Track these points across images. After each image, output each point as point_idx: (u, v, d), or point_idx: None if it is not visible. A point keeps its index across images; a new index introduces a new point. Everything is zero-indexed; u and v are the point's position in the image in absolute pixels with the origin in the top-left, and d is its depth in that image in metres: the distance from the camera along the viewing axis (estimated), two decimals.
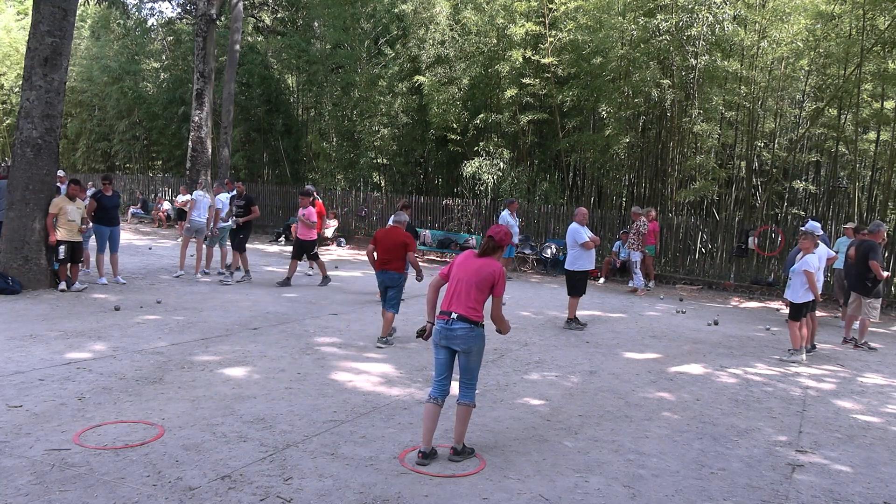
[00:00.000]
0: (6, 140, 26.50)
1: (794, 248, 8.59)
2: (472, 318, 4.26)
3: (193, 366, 6.14)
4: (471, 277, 4.31)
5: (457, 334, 4.25)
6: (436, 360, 4.42)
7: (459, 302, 4.28)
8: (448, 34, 17.20)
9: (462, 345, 4.27)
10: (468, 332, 4.25)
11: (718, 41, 14.70)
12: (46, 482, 3.68)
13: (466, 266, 4.37)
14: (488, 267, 4.31)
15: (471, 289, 4.29)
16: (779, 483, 4.30)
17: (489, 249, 4.42)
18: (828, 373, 7.43)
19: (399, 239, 7.38)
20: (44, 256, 9.37)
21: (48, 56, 9.22)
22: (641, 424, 5.27)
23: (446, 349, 4.35)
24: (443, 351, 4.36)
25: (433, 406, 4.32)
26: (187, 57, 24.09)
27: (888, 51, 13.32)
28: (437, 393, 4.36)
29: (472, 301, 4.28)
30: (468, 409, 4.35)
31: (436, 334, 4.37)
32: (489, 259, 4.37)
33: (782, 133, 16.42)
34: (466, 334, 4.25)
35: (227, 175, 18.50)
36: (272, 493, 3.73)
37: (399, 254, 7.35)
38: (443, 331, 4.30)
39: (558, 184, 17.36)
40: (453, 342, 4.29)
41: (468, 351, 4.30)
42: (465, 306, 4.26)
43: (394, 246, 7.35)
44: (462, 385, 4.39)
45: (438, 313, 4.39)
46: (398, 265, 7.36)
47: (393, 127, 18.60)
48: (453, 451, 4.34)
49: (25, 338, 6.74)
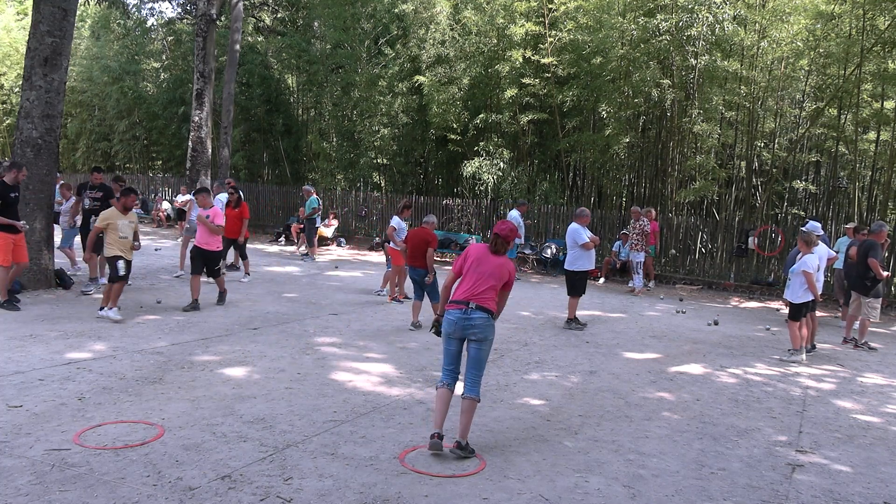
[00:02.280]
0: (6, 140, 26.50)
1: (794, 249, 8.59)
2: (489, 308, 4.50)
3: (193, 366, 6.14)
4: (487, 273, 4.54)
5: (475, 323, 4.44)
6: (446, 351, 4.57)
7: (477, 294, 4.49)
8: (448, 34, 17.20)
9: (479, 333, 4.45)
10: (486, 321, 4.46)
11: (718, 41, 14.70)
12: (46, 482, 3.68)
13: (482, 262, 4.60)
14: (504, 265, 4.60)
15: (487, 283, 4.52)
16: (779, 483, 4.30)
17: (500, 246, 4.65)
18: (828, 373, 7.43)
19: (424, 237, 8.27)
20: (44, 256, 9.36)
21: (48, 56, 9.22)
22: (641, 424, 5.27)
23: (458, 340, 4.52)
24: (454, 342, 4.53)
25: (445, 390, 4.50)
26: (187, 57, 24.08)
27: (888, 51, 13.32)
28: (448, 379, 4.54)
29: (489, 294, 4.52)
30: (473, 403, 4.45)
31: (449, 325, 4.50)
32: (503, 257, 4.65)
33: (782, 133, 16.41)
34: (484, 323, 4.45)
35: (227, 175, 18.48)
36: (272, 493, 3.72)
37: (424, 250, 8.22)
38: (459, 321, 4.45)
39: (558, 184, 17.37)
40: (470, 331, 4.45)
41: (483, 339, 4.48)
42: (482, 298, 4.48)
43: (419, 244, 8.25)
44: (468, 379, 4.50)
45: (452, 303, 4.55)
46: (423, 262, 8.22)
47: (393, 127, 18.60)
48: (457, 445, 4.38)
49: (25, 338, 6.73)
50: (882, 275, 8.71)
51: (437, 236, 8.50)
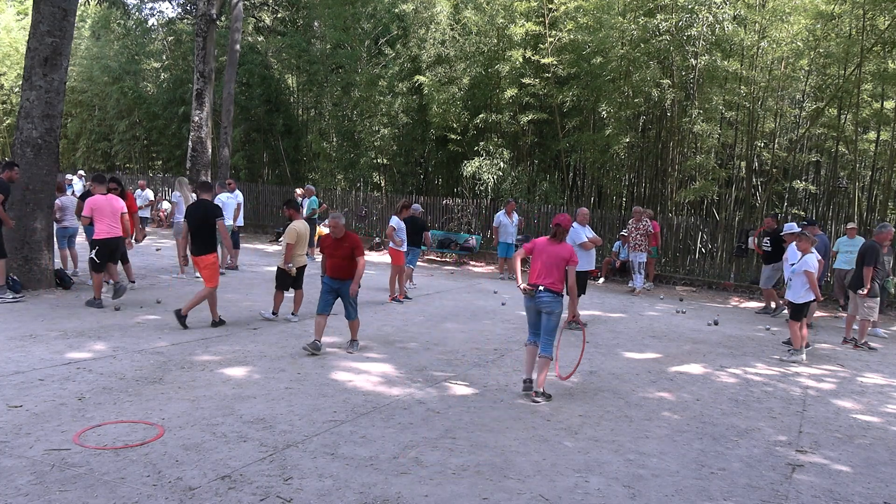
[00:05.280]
0: (6, 140, 26.50)
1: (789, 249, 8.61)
2: (554, 289, 5.74)
3: (193, 366, 6.14)
4: (550, 259, 5.78)
5: (543, 300, 5.74)
6: (528, 318, 5.95)
7: (543, 277, 5.76)
8: (448, 34, 17.20)
9: (547, 307, 5.74)
10: (552, 299, 5.75)
11: (718, 41, 14.70)
12: (46, 482, 3.68)
13: (546, 251, 5.84)
14: (560, 251, 5.80)
15: (552, 268, 5.76)
16: (779, 483, 4.30)
17: (559, 234, 5.89)
18: (828, 373, 7.43)
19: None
20: (44, 256, 9.36)
21: (48, 56, 9.22)
22: (641, 424, 5.27)
23: (535, 312, 5.85)
24: (532, 312, 5.88)
25: (532, 347, 5.90)
26: (187, 57, 24.08)
27: (888, 51, 13.31)
28: (533, 338, 5.92)
29: (553, 277, 5.75)
30: (547, 361, 5.77)
31: (527, 300, 5.86)
32: (561, 244, 5.86)
33: (782, 133, 16.41)
34: (550, 300, 5.74)
35: (227, 175, 18.49)
36: (272, 493, 3.73)
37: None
38: (532, 299, 5.78)
39: (558, 184, 17.37)
40: (541, 305, 5.76)
41: (551, 312, 5.75)
42: (548, 281, 5.75)
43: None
44: (542, 342, 5.78)
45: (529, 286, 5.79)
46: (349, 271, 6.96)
47: (393, 127, 18.60)
48: (535, 394, 5.69)
49: (25, 338, 6.74)
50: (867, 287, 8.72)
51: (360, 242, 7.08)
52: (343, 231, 6.94)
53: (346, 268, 6.94)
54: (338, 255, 6.92)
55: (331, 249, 6.99)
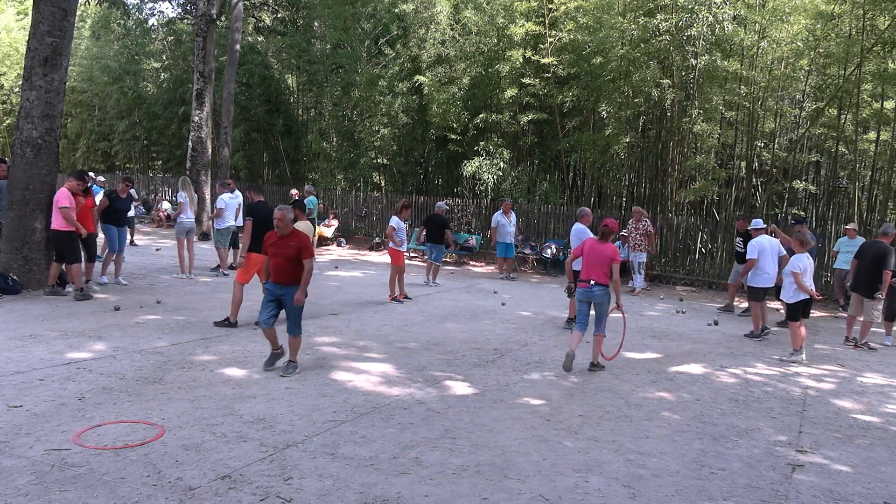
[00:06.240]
0: (6, 140, 26.49)
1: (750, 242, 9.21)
2: (603, 283, 6.71)
3: (193, 366, 6.14)
4: (599, 257, 6.73)
5: (595, 293, 6.75)
6: (578, 310, 6.93)
7: (594, 273, 6.72)
8: (448, 34, 17.20)
9: (598, 299, 6.77)
10: (603, 291, 6.74)
11: (718, 41, 14.69)
12: (46, 482, 3.68)
13: (596, 249, 6.78)
14: (605, 250, 6.74)
15: (601, 264, 6.71)
16: (779, 483, 4.30)
17: (607, 235, 6.83)
18: (828, 373, 7.43)
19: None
20: (44, 256, 9.36)
21: (48, 56, 9.22)
22: (641, 424, 5.27)
23: (587, 303, 6.86)
24: (584, 305, 6.89)
25: (578, 332, 6.81)
26: (187, 57, 24.09)
27: (888, 51, 13.31)
28: (581, 326, 6.87)
29: (602, 272, 6.71)
30: (601, 338, 6.88)
31: (580, 294, 6.86)
32: (607, 244, 6.80)
33: (782, 133, 16.40)
34: (601, 293, 6.75)
35: (227, 175, 18.50)
36: (272, 493, 3.73)
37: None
38: (585, 292, 6.81)
39: (558, 184, 17.36)
40: (593, 298, 6.78)
41: (601, 303, 6.77)
42: (598, 276, 6.71)
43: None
44: (596, 322, 6.85)
45: (580, 281, 6.81)
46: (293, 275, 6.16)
47: (393, 127, 18.60)
48: (591, 366, 6.88)
49: (25, 338, 6.74)
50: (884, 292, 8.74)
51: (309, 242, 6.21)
52: (290, 227, 6.06)
53: (290, 271, 6.02)
54: (282, 256, 5.99)
55: (274, 248, 6.04)
